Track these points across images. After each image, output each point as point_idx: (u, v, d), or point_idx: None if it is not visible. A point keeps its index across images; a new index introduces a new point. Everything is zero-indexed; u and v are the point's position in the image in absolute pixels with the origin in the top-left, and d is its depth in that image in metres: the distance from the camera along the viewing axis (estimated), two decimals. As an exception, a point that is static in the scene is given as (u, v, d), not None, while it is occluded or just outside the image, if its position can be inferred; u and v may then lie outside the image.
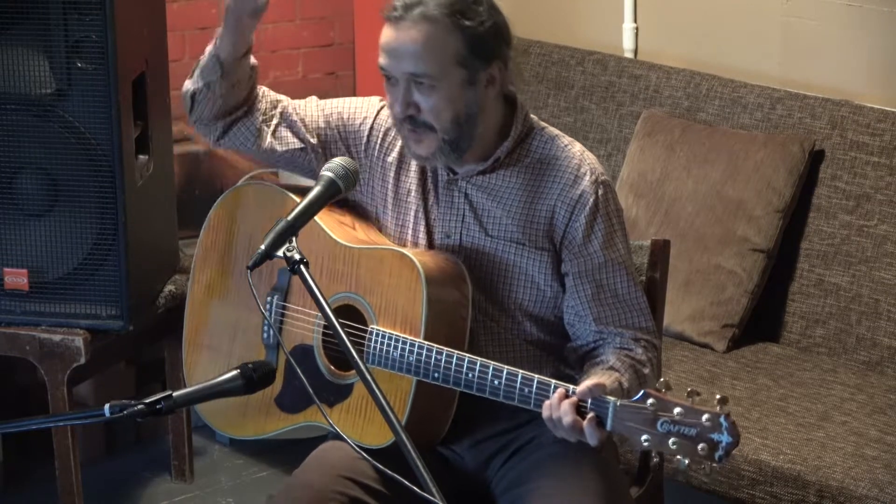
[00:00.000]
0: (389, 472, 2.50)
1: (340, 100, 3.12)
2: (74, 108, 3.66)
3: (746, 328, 4.07)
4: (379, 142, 3.03)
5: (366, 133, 3.04)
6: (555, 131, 2.98)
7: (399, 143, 3.00)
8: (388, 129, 3.02)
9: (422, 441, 2.48)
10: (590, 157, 2.95)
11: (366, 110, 3.07)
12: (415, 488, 2.37)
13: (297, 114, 3.07)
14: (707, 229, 4.10)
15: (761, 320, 4.09)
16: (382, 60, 2.86)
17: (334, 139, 3.05)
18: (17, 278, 3.77)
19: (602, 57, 4.60)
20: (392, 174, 3.01)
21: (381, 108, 3.05)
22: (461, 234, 2.94)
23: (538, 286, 2.92)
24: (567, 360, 2.95)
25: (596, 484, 2.79)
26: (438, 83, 2.83)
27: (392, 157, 3.01)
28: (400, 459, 2.42)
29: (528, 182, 2.92)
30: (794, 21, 4.35)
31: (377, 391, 2.44)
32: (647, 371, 2.88)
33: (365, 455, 2.55)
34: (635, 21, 4.71)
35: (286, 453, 4.13)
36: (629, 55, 4.70)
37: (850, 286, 3.98)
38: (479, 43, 2.85)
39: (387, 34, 2.85)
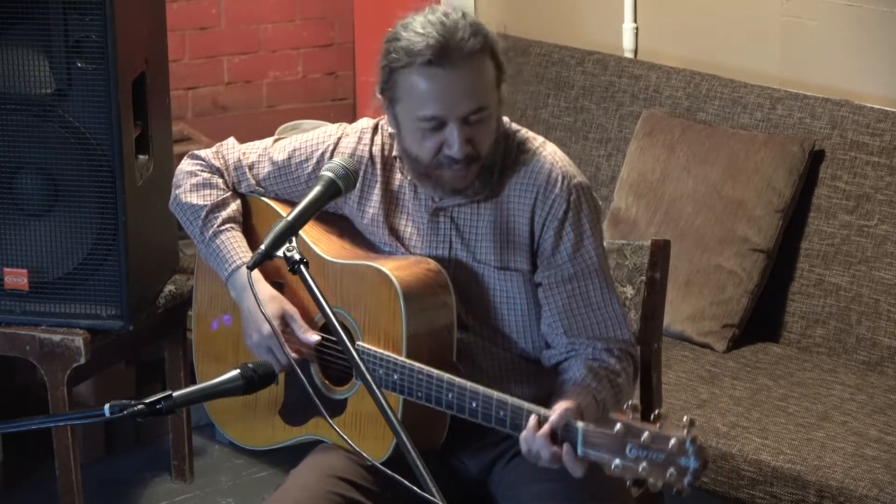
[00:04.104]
0: (391, 472, 2.50)
1: (296, 140, 3.04)
2: (74, 108, 3.66)
3: (746, 328, 4.07)
4: None
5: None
6: (525, 134, 2.93)
7: (361, 172, 2.93)
8: (349, 157, 2.95)
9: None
10: (561, 160, 2.89)
11: (323, 145, 3.00)
12: (416, 489, 2.37)
13: (260, 188, 3.06)
14: (707, 229, 4.10)
15: (761, 320, 4.09)
16: (432, 110, 2.75)
17: (298, 180, 3.02)
18: (17, 278, 3.76)
19: (602, 57, 4.60)
20: (357, 203, 2.97)
21: (340, 137, 2.99)
22: (449, 260, 2.90)
23: (526, 309, 2.90)
24: (546, 369, 2.93)
25: (596, 486, 2.78)
26: (490, 112, 2.79)
27: (357, 186, 2.94)
28: (398, 467, 2.41)
29: (506, 201, 2.88)
30: (794, 21, 4.35)
31: (380, 397, 2.44)
32: (621, 380, 2.85)
33: (372, 460, 2.54)
34: (635, 21, 4.71)
35: (286, 453, 4.11)
36: (629, 55, 4.70)
37: (850, 286, 3.98)
38: (500, 60, 2.82)
39: (433, 82, 2.74)
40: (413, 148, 2.83)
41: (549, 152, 2.90)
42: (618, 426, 2.49)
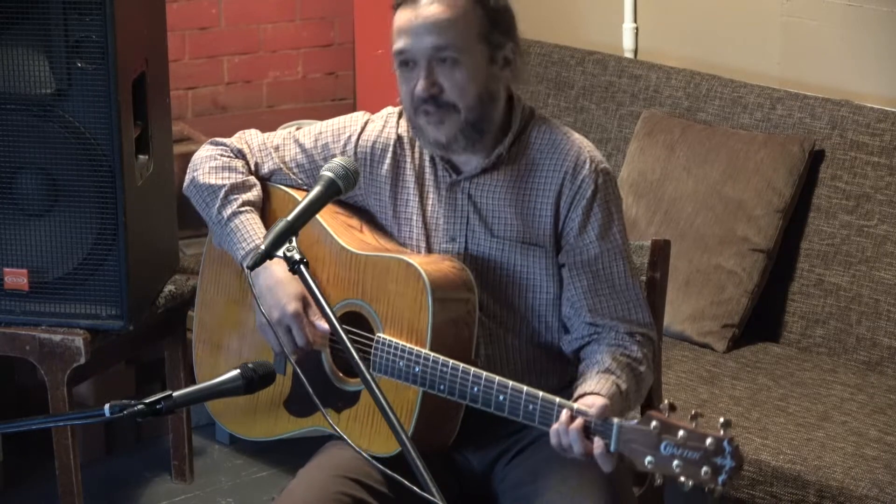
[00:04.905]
0: (391, 473, 2.50)
1: (322, 124, 3.08)
2: (74, 108, 3.66)
3: (746, 328, 4.07)
4: (368, 157, 2.99)
5: (351, 152, 3.01)
6: (553, 122, 2.97)
7: (390, 153, 2.97)
8: (375, 142, 2.99)
9: (428, 450, 2.47)
10: (588, 146, 2.93)
11: (349, 129, 3.03)
12: (417, 489, 2.37)
13: (286, 168, 3.07)
14: (707, 229, 4.10)
15: (761, 320, 4.09)
16: (401, 43, 2.83)
17: (324, 162, 3.01)
18: (17, 278, 3.77)
19: (602, 57, 4.60)
20: (388, 186, 2.98)
21: (367, 122, 3.03)
22: (466, 236, 2.92)
23: (545, 286, 2.91)
24: (563, 353, 2.94)
25: (600, 483, 2.78)
26: (463, 57, 2.81)
27: (385, 168, 2.98)
28: (406, 464, 2.41)
29: (530, 177, 2.90)
30: (794, 21, 4.35)
31: (381, 398, 2.43)
32: (643, 369, 2.86)
33: (371, 460, 2.55)
34: (635, 21, 4.71)
35: (286, 453, 4.12)
36: (629, 55, 4.70)
37: (850, 286, 3.98)
38: (499, 20, 2.85)
39: (405, 16, 2.83)
40: (401, 96, 2.89)
41: (578, 137, 2.94)
42: (653, 423, 2.50)
